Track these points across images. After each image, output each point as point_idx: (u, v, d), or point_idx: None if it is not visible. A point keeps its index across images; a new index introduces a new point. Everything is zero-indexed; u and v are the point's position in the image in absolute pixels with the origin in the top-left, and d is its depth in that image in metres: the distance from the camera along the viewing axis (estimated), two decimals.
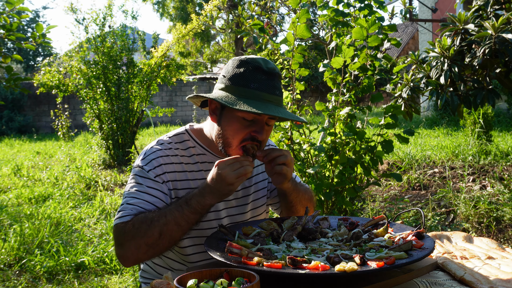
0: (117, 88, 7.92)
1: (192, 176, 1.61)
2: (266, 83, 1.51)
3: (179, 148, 1.63)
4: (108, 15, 8.11)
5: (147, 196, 1.51)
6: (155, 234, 1.41)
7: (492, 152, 6.22)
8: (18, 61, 24.93)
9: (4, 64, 3.58)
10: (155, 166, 1.56)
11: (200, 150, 1.65)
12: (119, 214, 1.49)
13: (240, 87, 1.51)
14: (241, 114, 1.51)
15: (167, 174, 1.57)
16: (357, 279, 1.24)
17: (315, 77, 19.26)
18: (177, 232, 1.43)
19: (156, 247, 1.43)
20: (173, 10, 22.35)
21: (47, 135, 15.47)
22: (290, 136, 3.23)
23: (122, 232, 1.44)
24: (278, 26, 3.58)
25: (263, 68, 1.52)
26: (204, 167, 1.64)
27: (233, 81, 1.52)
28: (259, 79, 1.51)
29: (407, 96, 3.03)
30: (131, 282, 3.35)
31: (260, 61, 1.53)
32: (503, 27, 2.52)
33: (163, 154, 1.58)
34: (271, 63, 1.55)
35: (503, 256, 1.47)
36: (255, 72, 1.51)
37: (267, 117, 1.54)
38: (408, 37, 26.20)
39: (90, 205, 5.34)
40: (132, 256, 1.44)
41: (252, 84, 1.50)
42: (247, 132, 1.53)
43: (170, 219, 1.42)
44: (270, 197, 1.85)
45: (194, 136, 1.67)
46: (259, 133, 1.53)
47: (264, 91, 1.50)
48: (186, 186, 1.60)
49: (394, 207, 4.55)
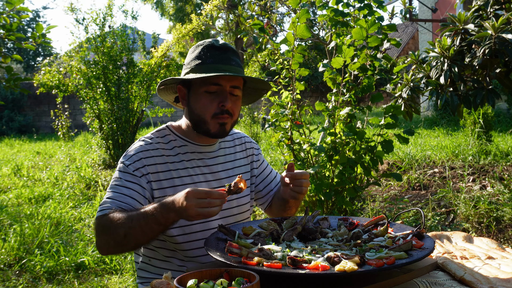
0: (117, 88, 7.91)
1: (174, 166, 1.68)
2: (220, 57, 1.63)
3: (160, 142, 1.71)
4: (108, 15, 8.10)
5: (124, 189, 1.59)
6: (120, 235, 1.46)
7: (492, 152, 6.22)
8: (18, 61, 24.94)
9: (4, 64, 3.58)
10: (135, 160, 1.64)
11: (181, 142, 1.73)
12: (99, 208, 1.56)
13: (197, 65, 1.63)
14: (203, 88, 1.62)
15: (147, 167, 1.63)
16: (357, 279, 1.24)
17: (315, 77, 19.26)
18: (142, 237, 1.47)
19: (123, 245, 1.50)
20: (172, 10, 22.35)
21: (47, 135, 15.47)
22: (290, 136, 3.23)
23: (97, 226, 1.53)
24: (278, 26, 3.58)
25: (215, 45, 1.65)
26: (185, 157, 1.71)
27: (191, 64, 1.65)
28: (213, 55, 1.63)
29: (407, 96, 3.03)
30: (131, 282, 3.35)
31: (211, 40, 1.66)
32: (503, 27, 2.52)
33: (143, 149, 1.67)
34: (223, 41, 1.67)
35: (503, 256, 1.47)
36: (208, 50, 1.64)
37: (230, 87, 1.63)
38: (408, 37, 26.20)
39: (90, 205, 5.34)
40: (104, 248, 1.54)
41: (208, 60, 1.63)
42: (215, 105, 1.62)
43: (136, 224, 1.44)
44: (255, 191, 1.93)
45: (174, 130, 1.76)
46: (224, 102, 1.62)
47: (220, 63, 1.62)
48: (169, 176, 1.66)
49: (394, 207, 4.55)
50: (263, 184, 1.94)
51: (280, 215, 1.86)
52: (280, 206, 1.84)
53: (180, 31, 8.12)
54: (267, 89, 1.81)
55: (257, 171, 1.93)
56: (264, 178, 1.94)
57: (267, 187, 1.94)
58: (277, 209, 1.88)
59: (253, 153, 1.93)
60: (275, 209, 1.91)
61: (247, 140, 1.94)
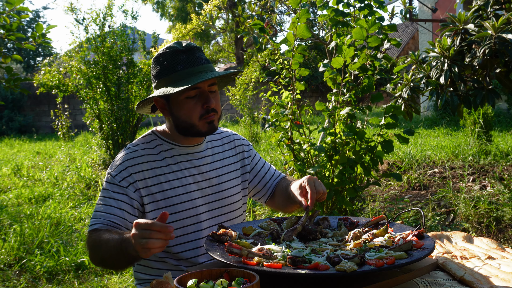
0: (117, 88, 7.91)
1: (161, 171, 1.68)
2: (189, 59, 1.60)
3: (146, 148, 1.70)
4: (108, 15, 8.10)
5: (112, 201, 1.60)
6: (98, 257, 1.53)
7: (492, 152, 6.22)
8: (18, 61, 24.93)
9: (4, 64, 3.58)
10: (121, 170, 1.64)
11: (167, 146, 1.73)
12: (90, 221, 1.59)
13: (168, 76, 1.61)
14: (183, 96, 1.61)
15: (133, 175, 1.63)
16: (357, 279, 1.24)
17: (315, 77, 19.25)
18: (117, 262, 1.48)
19: (105, 265, 1.59)
20: (173, 10, 22.34)
21: (47, 135, 15.47)
22: (290, 136, 3.23)
23: (87, 240, 1.58)
24: (278, 26, 3.58)
25: (179, 48, 1.61)
26: (172, 161, 1.71)
27: (161, 74, 1.63)
28: (182, 59, 1.60)
29: (407, 96, 3.03)
30: (131, 282, 3.35)
31: (175, 45, 1.63)
32: (503, 27, 2.52)
33: (129, 158, 1.66)
34: (185, 41, 1.64)
35: (503, 256, 1.47)
36: (174, 56, 1.61)
37: (208, 86, 1.63)
38: (408, 37, 26.19)
39: (90, 205, 5.34)
40: (93, 261, 1.60)
41: (178, 66, 1.60)
42: (199, 108, 1.63)
43: (111, 249, 1.44)
44: (249, 187, 1.93)
45: (160, 135, 1.76)
46: (208, 103, 1.62)
47: (191, 66, 1.59)
48: (157, 181, 1.66)
49: (394, 207, 4.55)
50: (258, 178, 1.94)
51: (284, 208, 1.86)
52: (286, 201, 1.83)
53: (180, 31, 8.12)
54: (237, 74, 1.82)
55: (250, 166, 1.93)
56: (257, 172, 1.94)
57: (262, 180, 1.94)
58: (281, 203, 1.88)
59: (243, 149, 1.93)
60: (279, 202, 1.90)
61: (236, 138, 1.94)
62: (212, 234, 1.45)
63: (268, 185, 1.95)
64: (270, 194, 1.95)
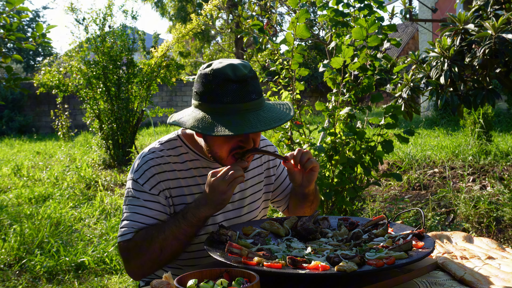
0: (117, 88, 7.91)
1: (186, 182, 1.61)
2: (239, 93, 1.43)
3: (171, 155, 1.61)
4: (108, 15, 8.10)
5: (146, 210, 1.53)
6: (156, 250, 1.45)
7: (492, 152, 6.22)
8: (18, 61, 24.94)
9: (4, 64, 3.58)
10: (149, 177, 1.55)
11: (192, 155, 1.63)
12: (121, 232, 1.52)
13: (213, 103, 1.44)
14: None
15: (161, 183, 1.56)
16: (357, 279, 1.24)
17: (315, 77, 19.25)
18: (177, 246, 1.46)
19: (159, 261, 1.48)
20: (173, 10, 22.34)
21: (47, 135, 15.47)
22: (290, 136, 3.23)
23: (127, 250, 1.48)
24: (278, 26, 3.58)
25: (232, 78, 1.43)
26: (197, 173, 1.63)
27: (205, 98, 1.46)
28: (231, 90, 1.42)
29: (407, 96, 3.03)
30: (131, 282, 3.35)
31: (227, 71, 1.44)
32: (503, 27, 2.52)
33: (155, 164, 1.57)
34: (240, 68, 1.45)
35: (503, 256, 1.47)
36: (224, 84, 1.43)
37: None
38: (408, 37, 26.19)
39: (90, 205, 5.34)
40: (139, 271, 1.51)
41: (225, 98, 1.42)
42: (233, 143, 1.51)
43: (169, 234, 1.44)
44: (271, 198, 1.86)
45: (186, 141, 1.65)
46: (245, 143, 1.50)
47: (239, 102, 1.43)
48: (180, 193, 1.60)
49: (394, 207, 4.55)
50: (281, 188, 1.85)
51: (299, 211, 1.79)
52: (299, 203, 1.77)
53: (180, 31, 8.12)
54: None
55: (274, 177, 1.84)
56: (281, 182, 1.86)
57: (285, 191, 1.86)
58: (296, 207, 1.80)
59: (269, 158, 1.83)
60: (293, 208, 1.83)
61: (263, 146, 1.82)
62: (212, 234, 1.45)
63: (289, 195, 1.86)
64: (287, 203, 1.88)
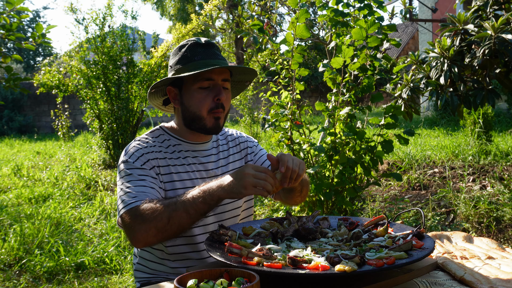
0: (117, 88, 7.91)
1: (173, 162, 1.69)
2: (207, 52, 1.66)
3: (156, 141, 1.72)
4: (108, 15, 8.10)
5: (142, 182, 1.58)
6: (163, 219, 1.44)
7: (492, 152, 6.22)
8: (18, 61, 24.92)
9: (4, 64, 3.58)
10: (138, 156, 1.64)
11: (175, 141, 1.75)
12: (123, 204, 1.52)
13: (185, 64, 1.65)
14: (196, 85, 1.64)
15: (151, 161, 1.64)
16: (357, 279, 1.24)
17: (315, 77, 19.26)
18: (185, 219, 1.45)
19: (164, 231, 1.46)
20: (173, 10, 22.34)
21: (47, 135, 15.47)
22: (290, 136, 3.23)
23: (132, 217, 1.48)
24: (278, 26, 3.58)
25: (200, 42, 1.67)
26: (181, 155, 1.72)
27: (178, 63, 1.67)
28: (200, 52, 1.66)
29: (407, 97, 3.03)
30: (131, 282, 3.35)
31: (195, 39, 1.69)
32: (502, 27, 2.52)
33: (142, 146, 1.67)
34: (205, 38, 1.70)
35: (503, 256, 1.47)
36: (193, 48, 1.66)
37: (221, 80, 1.67)
38: (408, 37, 26.19)
39: (90, 205, 5.34)
40: (142, 238, 1.47)
41: (196, 57, 1.65)
42: (210, 100, 1.65)
43: (180, 205, 1.45)
44: None
45: (167, 130, 1.78)
46: (220, 95, 1.65)
47: (208, 58, 1.65)
48: (168, 171, 1.67)
49: (394, 207, 4.55)
50: None
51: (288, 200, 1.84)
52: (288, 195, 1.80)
53: (180, 31, 8.11)
54: (251, 79, 1.83)
55: (252, 162, 1.92)
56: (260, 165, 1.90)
57: None
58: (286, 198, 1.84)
59: (247, 146, 1.93)
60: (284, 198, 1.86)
61: (240, 136, 1.95)
62: (212, 234, 1.45)
63: None
64: None
